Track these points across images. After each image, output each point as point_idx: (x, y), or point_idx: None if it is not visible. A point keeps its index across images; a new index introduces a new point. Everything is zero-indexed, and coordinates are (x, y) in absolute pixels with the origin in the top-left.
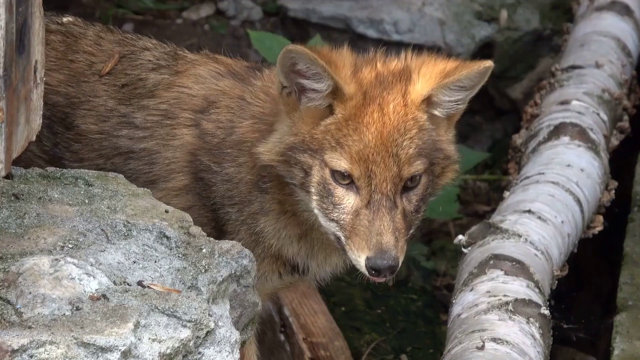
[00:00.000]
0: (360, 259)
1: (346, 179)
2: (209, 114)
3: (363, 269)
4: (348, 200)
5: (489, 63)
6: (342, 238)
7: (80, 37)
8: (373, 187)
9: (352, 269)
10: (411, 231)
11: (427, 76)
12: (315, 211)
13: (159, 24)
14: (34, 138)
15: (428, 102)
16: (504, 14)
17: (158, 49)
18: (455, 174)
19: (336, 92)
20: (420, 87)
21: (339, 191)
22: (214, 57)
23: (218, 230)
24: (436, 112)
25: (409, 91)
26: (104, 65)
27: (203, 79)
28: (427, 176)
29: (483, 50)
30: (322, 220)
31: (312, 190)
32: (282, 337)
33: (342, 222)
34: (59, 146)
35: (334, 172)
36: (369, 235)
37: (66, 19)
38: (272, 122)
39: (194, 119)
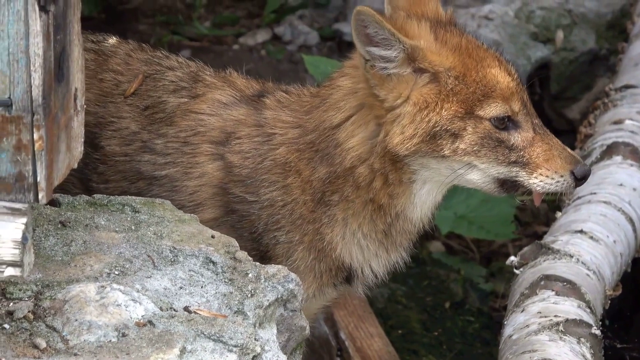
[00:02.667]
0: (562, 177)
1: (503, 122)
2: (232, 145)
3: (568, 184)
4: (516, 138)
5: None
6: (523, 176)
7: (111, 56)
8: (530, 113)
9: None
10: None
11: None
12: (483, 166)
13: (215, 50)
14: (75, 165)
15: None
16: (559, 34)
17: (183, 69)
18: None
19: (414, 56)
20: None
21: (505, 135)
22: (230, 80)
23: (261, 257)
24: None
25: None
26: (129, 85)
27: (218, 107)
28: None
29: (539, 71)
30: (495, 170)
31: (474, 148)
32: None
33: (522, 159)
34: (88, 167)
35: (493, 120)
36: (560, 154)
37: (111, 41)
38: (314, 140)
39: (217, 152)
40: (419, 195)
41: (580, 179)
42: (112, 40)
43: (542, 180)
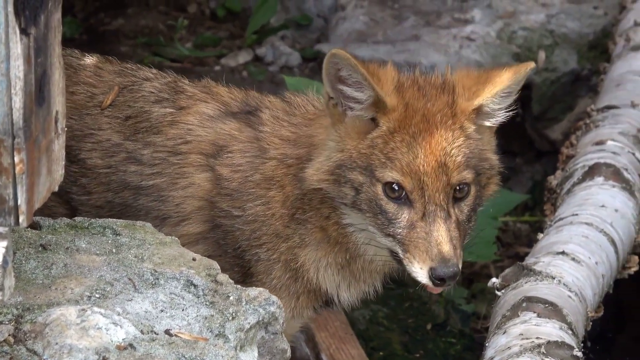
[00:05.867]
0: (422, 270)
1: (397, 193)
2: (223, 158)
3: (425, 280)
4: (402, 214)
5: (532, 64)
6: (400, 252)
7: (79, 69)
8: (427, 198)
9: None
10: (465, 241)
11: (474, 87)
12: (371, 228)
13: (197, 71)
14: (56, 188)
15: (478, 112)
16: (541, 55)
17: (159, 80)
18: (497, 186)
19: (378, 105)
20: (469, 97)
21: (391, 206)
22: (211, 91)
23: (243, 274)
24: (486, 123)
25: (456, 102)
26: (105, 97)
27: (208, 120)
28: (475, 187)
29: (521, 92)
30: (379, 237)
31: (365, 207)
32: None
33: (398, 236)
34: (65, 179)
35: (385, 187)
36: (428, 247)
37: (88, 60)
38: (302, 155)
39: (207, 164)
40: (364, 240)
41: (437, 279)
42: (89, 59)
43: (407, 265)
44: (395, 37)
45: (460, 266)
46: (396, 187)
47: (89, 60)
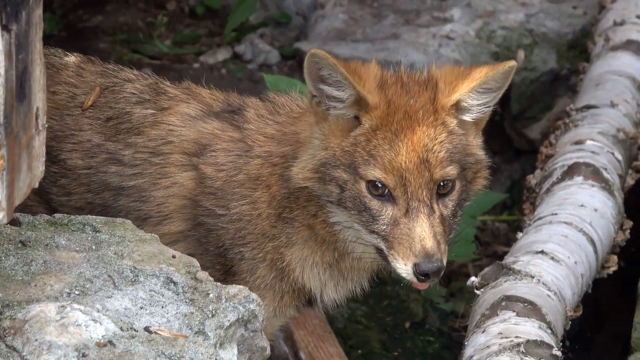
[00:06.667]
0: (406, 266)
1: (380, 190)
2: (206, 157)
3: (410, 276)
4: (386, 211)
5: (512, 62)
6: (384, 249)
7: (61, 68)
8: (409, 194)
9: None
10: (450, 236)
11: (454, 82)
12: (356, 225)
13: (176, 69)
14: (36, 185)
15: (457, 107)
16: (520, 54)
17: (140, 81)
18: (486, 181)
19: (360, 103)
20: (448, 92)
21: (375, 203)
22: (193, 92)
23: (225, 272)
24: (465, 118)
25: (437, 98)
26: (86, 98)
27: (189, 120)
28: (460, 182)
29: None
30: (364, 234)
31: (349, 205)
32: None
33: (382, 233)
34: (45, 180)
35: (369, 184)
36: (412, 243)
37: (69, 58)
38: (287, 153)
39: (190, 163)
40: (352, 238)
41: (421, 275)
42: (70, 57)
43: (392, 261)
44: (375, 36)
45: (444, 261)
46: (379, 185)
47: (71, 59)
